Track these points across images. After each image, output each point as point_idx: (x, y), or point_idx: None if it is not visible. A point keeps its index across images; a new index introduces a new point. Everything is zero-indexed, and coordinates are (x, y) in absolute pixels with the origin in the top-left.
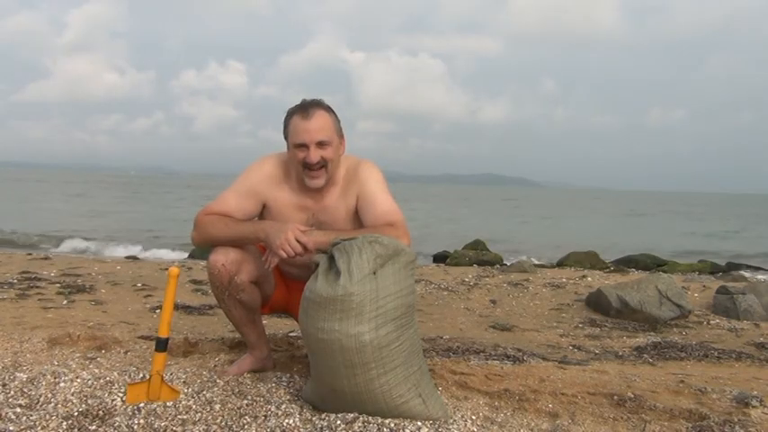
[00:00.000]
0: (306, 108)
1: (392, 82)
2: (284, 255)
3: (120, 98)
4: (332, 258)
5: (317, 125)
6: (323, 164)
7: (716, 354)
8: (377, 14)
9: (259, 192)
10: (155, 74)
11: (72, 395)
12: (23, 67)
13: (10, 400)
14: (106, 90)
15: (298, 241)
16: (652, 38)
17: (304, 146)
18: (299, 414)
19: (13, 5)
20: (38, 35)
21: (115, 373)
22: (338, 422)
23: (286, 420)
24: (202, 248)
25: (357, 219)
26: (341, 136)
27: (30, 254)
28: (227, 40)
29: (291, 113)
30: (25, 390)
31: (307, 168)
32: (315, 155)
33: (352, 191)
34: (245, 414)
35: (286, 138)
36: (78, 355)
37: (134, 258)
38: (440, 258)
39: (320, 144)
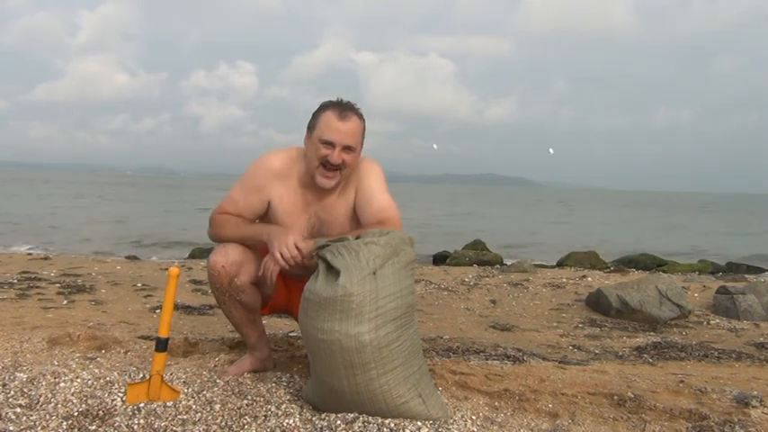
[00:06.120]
0: (344, 108)
1: (401, 82)
2: (281, 261)
3: (127, 99)
4: (325, 261)
5: (349, 129)
6: (341, 167)
7: (716, 354)
8: (389, 15)
9: (264, 187)
10: (165, 75)
11: (72, 395)
12: (36, 68)
13: (10, 400)
14: (116, 91)
15: (296, 247)
16: (658, 38)
17: (331, 144)
18: (299, 414)
19: (28, 6)
20: (52, 36)
21: (115, 373)
22: (338, 422)
23: (286, 420)
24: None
25: (356, 215)
26: (362, 145)
27: (30, 254)
28: (238, 41)
29: (326, 107)
30: (25, 390)
31: (324, 167)
32: (338, 157)
33: (352, 185)
34: (245, 414)
35: (311, 129)
36: (78, 355)
37: (134, 258)
38: (440, 258)
39: (346, 148)
